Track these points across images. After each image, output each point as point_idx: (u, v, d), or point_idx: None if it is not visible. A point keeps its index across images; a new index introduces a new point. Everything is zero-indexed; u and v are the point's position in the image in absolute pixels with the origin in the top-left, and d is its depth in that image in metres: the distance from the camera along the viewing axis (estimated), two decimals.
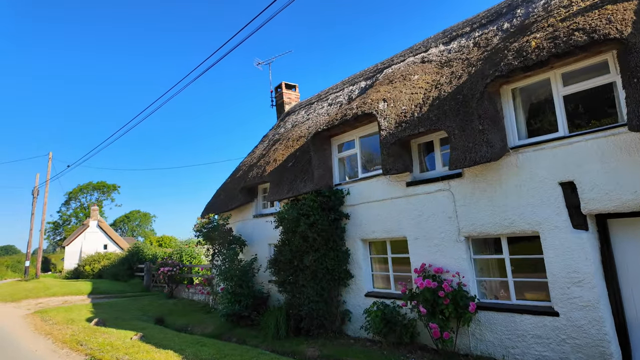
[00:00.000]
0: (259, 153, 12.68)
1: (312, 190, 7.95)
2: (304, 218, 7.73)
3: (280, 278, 8.49)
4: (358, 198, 7.62)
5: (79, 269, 26.32)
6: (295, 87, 15.75)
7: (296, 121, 12.47)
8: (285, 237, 8.50)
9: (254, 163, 11.89)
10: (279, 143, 11.34)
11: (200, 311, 12.47)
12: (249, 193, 10.98)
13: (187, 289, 14.40)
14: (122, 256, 20.42)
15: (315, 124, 10.61)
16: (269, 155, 10.95)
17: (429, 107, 6.47)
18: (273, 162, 10.20)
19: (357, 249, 7.62)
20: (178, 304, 13.55)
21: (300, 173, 8.86)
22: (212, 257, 16.26)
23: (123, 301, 14.17)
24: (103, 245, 46.99)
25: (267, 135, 14.02)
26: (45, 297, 15.72)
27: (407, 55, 9.51)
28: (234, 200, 11.13)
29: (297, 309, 8.07)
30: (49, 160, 29.81)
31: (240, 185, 10.96)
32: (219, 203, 12.02)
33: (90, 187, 70.84)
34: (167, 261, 14.74)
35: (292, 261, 8.22)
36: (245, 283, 9.43)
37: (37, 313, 11.92)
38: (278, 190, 9.18)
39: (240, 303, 9.33)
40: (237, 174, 12.49)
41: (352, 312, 7.62)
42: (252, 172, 10.77)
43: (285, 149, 10.46)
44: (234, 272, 9.31)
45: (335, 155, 8.36)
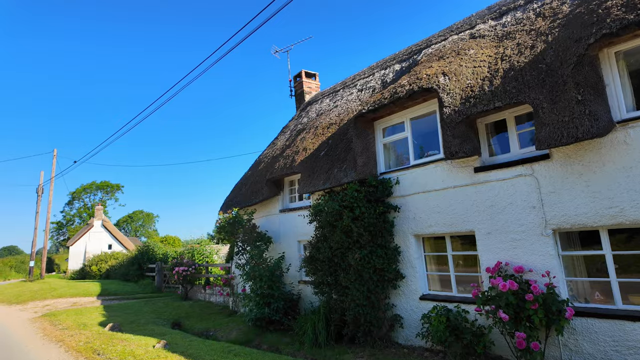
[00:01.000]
0: (281, 144, 11.80)
1: (355, 180, 7.05)
2: (347, 211, 6.84)
3: (318, 278, 7.60)
4: (410, 188, 6.71)
5: (85, 269, 25.51)
6: (315, 75, 14.87)
7: (321, 110, 11.58)
8: (322, 233, 7.62)
9: (278, 154, 11.01)
10: (306, 132, 10.46)
11: (220, 314, 11.60)
12: (274, 186, 10.09)
13: (203, 290, 13.53)
14: (132, 255, 19.58)
15: (346, 111, 9.72)
16: (295, 145, 10.06)
17: (502, 79, 5.56)
18: (303, 152, 9.31)
19: (408, 245, 6.72)
20: (194, 307, 12.68)
21: (336, 162, 7.97)
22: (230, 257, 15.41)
23: (135, 303, 13.31)
24: (107, 245, 46.31)
25: (287, 126, 13.14)
26: (52, 299, 14.88)
27: (448, 34, 8.60)
28: (257, 194, 10.24)
29: (338, 313, 7.18)
30: (53, 157, 29.04)
31: (265, 178, 10.08)
32: (241, 197, 11.14)
33: (94, 187, 70.26)
34: (182, 260, 13.87)
35: (332, 259, 7.34)
36: (275, 284, 8.54)
37: (45, 316, 11.08)
38: (311, 181, 8.28)
39: (269, 306, 8.45)
40: (259, 166, 11.61)
41: (404, 317, 6.72)
42: (279, 164, 9.88)
43: (314, 138, 9.57)
44: (262, 272, 8.42)
45: (380, 141, 7.46)
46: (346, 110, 9.80)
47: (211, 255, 18.43)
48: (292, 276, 9.27)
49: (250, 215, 9.62)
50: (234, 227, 9.34)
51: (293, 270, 9.24)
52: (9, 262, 46.60)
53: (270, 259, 8.96)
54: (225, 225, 9.40)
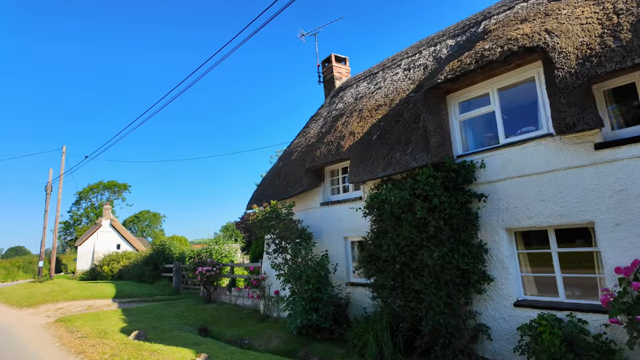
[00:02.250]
0: (315, 131, 10.74)
1: (429, 164, 5.95)
2: (420, 201, 5.74)
3: (379, 281, 6.51)
4: (500, 172, 5.60)
5: (96, 269, 24.60)
6: (345, 60, 13.78)
7: (359, 93, 10.50)
8: (383, 228, 6.53)
9: (315, 142, 9.95)
10: (346, 117, 9.38)
11: (250, 319, 10.54)
12: (315, 176, 9.02)
13: (228, 292, 12.48)
14: (146, 255, 18.60)
15: (395, 91, 8.65)
16: (337, 131, 8.99)
17: (633, 32, 4.44)
18: (349, 137, 8.23)
19: (498, 241, 5.61)
20: (220, 310, 11.64)
21: (397, 145, 6.88)
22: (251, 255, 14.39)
23: (155, 307, 12.30)
24: (116, 245, 45.52)
25: (318, 114, 12.06)
26: (65, 301, 13.91)
27: (512, 4, 7.51)
28: (295, 186, 9.17)
29: (408, 322, 6.09)
30: (62, 154, 28.19)
31: (304, 167, 9.00)
32: (273, 190, 10.07)
33: (101, 187, 69.71)
34: (205, 260, 12.83)
35: (397, 258, 6.25)
36: (324, 287, 7.47)
37: (60, 322, 10.08)
38: (365, 168, 7.20)
39: (317, 312, 7.38)
40: (292, 157, 10.54)
41: (491, 327, 5.61)
42: (320, 151, 8.81)
43: (361, 121, 8.49)
44: (310, 272, 7.34)
45: (455, 118, 6.35)
46: (394, 90, 8.74)
47: (230, 255, 17.41)
48: (338, 277, 8.19)
49: (289, 208, 8.55)
50: (274, 222, 8.26)
51: (339, 270, 8.16)
52: (16, 262, 46.00)
53: (315, 257, 7.88)
54: (264, 220, 8.32)
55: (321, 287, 7.41)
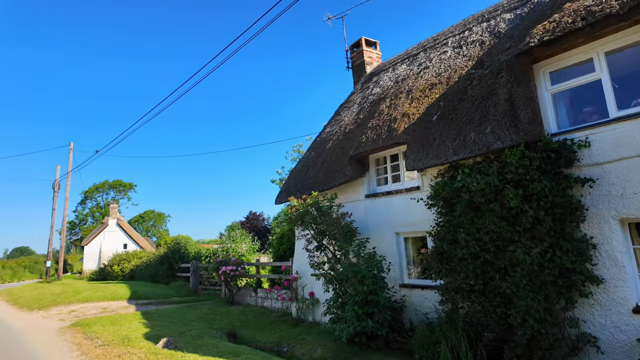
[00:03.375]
0: (350, 118, 9.84)
1: (520, 144, 5.02)
2: (511, 187, 4.82)
3: (454, 282, 5.59)
4: (611, 151, 4.67)
5: (105, 269, 23.79)
6: (375, 44, 12.85)
7: (399, 76, 9.57)
8: (455, 221, 5.62)
9: (354, 128, 9.06)
10: (392, 99, 8.46)
11: (282, 323, 9.66)
12: (359, 165, 8.10)
13: (253, 294, 11.60)
14: (161, 254, 17.75)
15: (448, 69, 7.76)
16: (384, 114, 8.07)
17: None
18: (402, 119, 7.32)
19: (608, 235, 4.67)
20: (247, 313, 10.76)
21: (467, 124, 5.97)
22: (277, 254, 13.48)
23: (176, 309, 11.43)
24: (123, 244, 44.86)
25: (350, 100, 11.16)
26: (77, 303, 13.08)
27: None
28: (336, 176, 8.26)
29: (493, 330, 5.17)
30: (70, 151, 27.43)
31: (347, 155, 8.09)
32: (308, 182, 9.17)
33: (107, 186, 69.20)
34: (229, 258, 11.96)
35: (478, 256, 5.33)
36: (381, 289, 6.55)
37: (76, 326, 9.23)
38: (427, 152, 6.28)
39: (372, 317, 6.46)
40: (327, 145, 9.64)
41: (600, 337, 4.68)
42: (366, 136, 7.89)
43: (413, 102, 7.58)
44: (366, 272, 6.43)
45: (546, 89, 5.41)
46: (447, 68, 7.85)
47: (248, 254, 16.52)
48: (390, 278, 7.27)
49: (331, 201, 7.64)
50: (315, 216, 7.35)
51: (391, 270, 7.24)
52: (22, 262, 45.47)
53: (369, 254, 6.96)
54: (305, 214, 7.42)
55: (377, 289, 6.50)
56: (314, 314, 9.31)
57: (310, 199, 7.60)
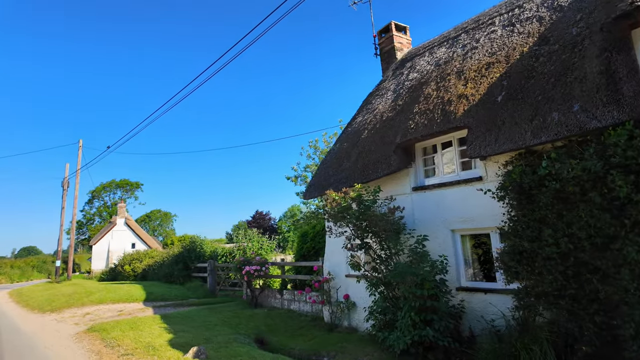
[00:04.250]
0: (386, 106, 9.08)
1: (627, 122, 4.22)
2: (618, 173, 4.03)
3: (538, 286, 4.80)
4: None
5: (116, 269, 23.18)
6: (405, 29, 12.08)
7: (440, 59, 8.79)
8: (537, 215, 4.84)
9: (392, 116, 8.32)
10: (439, 82, 7.69)
11: (313, 327, 8.92)
12: (404, 155, 7.33)
13: (279, 295, 10.86)
14: (175, 253, 17.07)
15: (504, 47, 6.99)
16: (433, 97, 7.30)
17: None
18: (459, 101, 6.53)
19: None
20: (273, 317, 10.03)
21: (544, 103, 5.20)
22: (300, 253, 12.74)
23: (196, 312, 10.73)
24: (131, 244, 44.44)
25: (382, 88, 10.40)
26: (91, 305, 12.43)
27: None
28: (378, 167, 7.49)
29: (591, 342, 4.38)
30: (79, 149, 26.89)
31: (393, 143, 7.32)
32: (343, 175, 8.41)
33: (114, 185, 68.92)
34: (252, 258, 11.24)
35: (568, 255, 4.54)
36: (442, 294, 5.78)
37: (93, 331, 8.54)
38: (496, 136, 5.50)
39: (432, 325, 5.69)
40: (362, 135, 8.87)
41: None
42: (415, 122, 7.12)
43: (469, 83, 6.80)
44: (426, 274, 5.66)
45: None
46: (502, 46, 7.12)
47: (267, 252, 15.81)
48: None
49: (374, 194, 6.86)
50: (362, 211, 6.59)
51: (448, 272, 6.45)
52: (31, 262, 45.24)
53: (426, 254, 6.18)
54: (346, 208, 6.66)
55: (438, 293, 5.73)
56: (349, 319, 8.57)
57: (352, 191, 6.84)
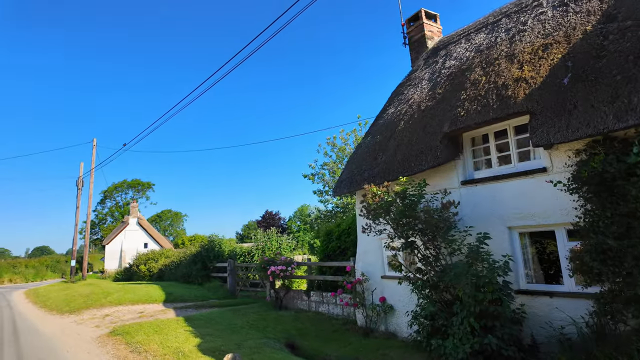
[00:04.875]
0: (422, 95, 8.51)
1: None
2: None
3: (629, 289, 4.18)
4: None
5: (131, 268, 22.93)
6: (435, 17, 11.50)
7: (480, 45, 8.18)
8: (623, 208, 4.24)
9: (433, 105, 7.76)
10: (487, 67, 7.10)
11: (346, 332, 8.38)
12: (452, 146, 6.74)
13: (306, 297, 10.35)
14: (193, 253, 16.68)
15: (561, 26, 6.36)
16: (483, 82, 6.70)
17: None
18: (517, 85, 5.93)
19: None
20: (301, 319, 9.51)
21: (624, 84, 4.58)
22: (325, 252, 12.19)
23: (218, 314, 10.26)
24: (143, 243, 44.43)
25: (415, 77, 9.81)
26: (110, 306, 12.06)
27: None
28: (422, 159, 6.91)
29: None
30: (93, 147, 26.74)
31: (440, 133, 6.74)
32: (378, 168, 7.85)
33: (125, 185, 69.27)
34: (277, 257, 10.75)
35: None
36: (505, 297, 5.19)
37: (116, 335, 8.13)
38: (569, 120, 4.90)
39: (493, 332, 5.10)
40: (399, 126, 8.30)
41: None
42: (466, 108, 6.53)
43: (525, 66, 6.19)
44: (490, 276, 5.07)
45: None
46: (557, 27, 6.55)
47: (287, 252, 15.31)
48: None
49: (420, 188, 6.28)
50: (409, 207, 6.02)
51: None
52: (45, 261, 45.57)
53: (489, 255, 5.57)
54: (391, 203, 6.10)
55: (501, 297, 5.14)
56: (386, 323, 8.00)
57: (397, 185, 6.28)
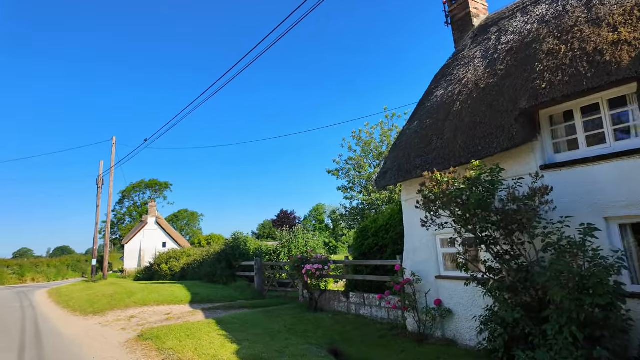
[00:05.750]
0: (479, 73, 7.65)
1: None
2: None
3: None
4: None
5: (152, 267, 22.55)
6: None
7: (543, 16, 7.25)
8: None
9: (495, 82, 6.85)
10: (564, 35, 6.15)
11: (395, 337, 7.55)
12: (528, 125, 5.82)
13: (344, 298, 9.55)
14: (217, 251, 16.09)
15: None
16: (563, 52, 5.77)
17: None
18: (615, 48, 5.00)
19: None
20: (342, 323, 8.72)
21: None
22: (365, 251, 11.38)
23: (250, 316, 9.56)
24: (162, 243, 44.42)
25: (464, 57, 8.92)
26: (135, 307, 11.50)
27: None
28: (491, 141, 6.01)
29: None
30: (112, 146, 26.55)
31: (516, 109, 5.83)
32: (438, 153, 6.98)
33: (143, 185, 69.82)
34: (310, 256, 9.99)
35: None
36: (615, 301, 4.28)
37: (145, 339, 7.49)
38: None
39: (601, 342, 4.20)
40: (453, 107, 7.43)
41: None
42: (546, 80, 5.61)
43: (621, 28, 5.25)
44: (602, 276, 4.16)
45: None
46: None
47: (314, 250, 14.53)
48: None
49: (496, 174, 5.39)
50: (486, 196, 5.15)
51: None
52: (66, 261, 46.04)
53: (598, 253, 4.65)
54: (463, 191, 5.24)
55: (613, 301, 4.23)
56: (443, 329, 7.13)
57: (470, 170, 5.41)
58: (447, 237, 7.16)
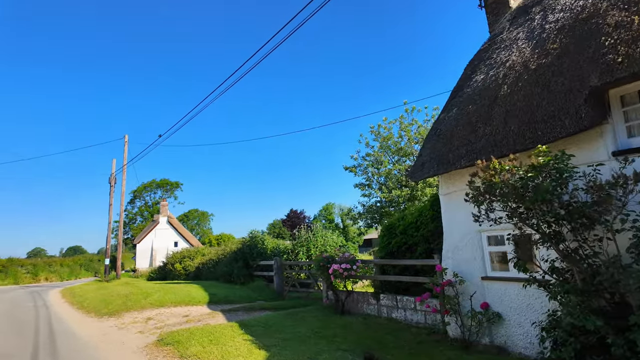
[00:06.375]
0: (525, 55, 7.00)
1: None
2: None
3: None
4: None
5: (166, 267, 22.18)
6: None
7: None
8: None
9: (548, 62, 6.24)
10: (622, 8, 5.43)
11: (436, 344, 6.90)
12: (596, 107, 5.14)
13: (374, 300, 8.93)
14: (233, 250, 15.61)
15: None
16: (637, 21, 5.06)
17: None
18: None
19: None
20: (373, 327, 8.10)
21: None
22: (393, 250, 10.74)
23: (274, 319, 8.99)
24: (174, 242, 44.25)
25: (504, 40, 8.24)
26: (152, 308, 11.04)
27: None
28: (557, 124, 5.33)
29: None
30: (124, 144, 26.29)
31: (585, 88, 5.15)
32: (486, 140, 6.33)
33: (154, 185, 70.00)
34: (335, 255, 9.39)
35: None
36: None
37: (165, 344, 6.97)
38: None
39: None
40: (500, 91, 6.76)
41: None
42: (623, 54, 4.92)
43: None
44: None
45: None
46: None
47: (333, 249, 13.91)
48: None
49: (561, 161, 4.72)
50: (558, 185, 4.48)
51: None
52: (79, 260, 46.20)
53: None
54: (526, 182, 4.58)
55: None
56: (491, 335, 6.47)
57: (536, 156, 4.75)
58: (496, 234, 6.52)
